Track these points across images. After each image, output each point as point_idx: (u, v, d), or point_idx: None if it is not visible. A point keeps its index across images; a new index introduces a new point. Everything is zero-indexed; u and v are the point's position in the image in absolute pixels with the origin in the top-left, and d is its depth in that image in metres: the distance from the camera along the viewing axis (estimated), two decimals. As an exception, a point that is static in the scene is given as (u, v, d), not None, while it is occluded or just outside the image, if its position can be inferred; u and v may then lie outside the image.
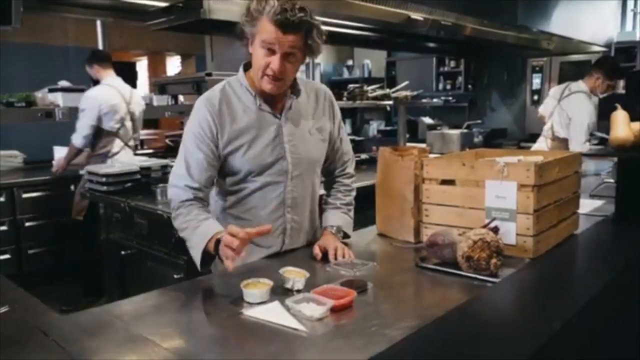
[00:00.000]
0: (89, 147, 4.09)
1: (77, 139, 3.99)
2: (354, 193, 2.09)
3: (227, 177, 1.80)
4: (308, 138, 1.83)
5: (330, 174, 2.06)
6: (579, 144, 4.17)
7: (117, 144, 4.12)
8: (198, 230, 1.67)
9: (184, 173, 1.72)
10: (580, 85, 4.43)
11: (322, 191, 2.08)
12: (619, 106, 2.59)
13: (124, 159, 4.04)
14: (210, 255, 1.66)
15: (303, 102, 1.84)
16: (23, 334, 1.26)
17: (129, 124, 4.19)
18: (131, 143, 4.28)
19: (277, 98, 1.77)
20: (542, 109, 4.71)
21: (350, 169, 2.09)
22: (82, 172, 3.80)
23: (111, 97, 4.04)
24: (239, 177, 1.78)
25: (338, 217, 1.98)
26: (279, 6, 1.55)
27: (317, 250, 1.81)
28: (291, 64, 1.64)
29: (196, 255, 1.67)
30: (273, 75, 1.62)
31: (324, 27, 1.69)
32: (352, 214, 2.05)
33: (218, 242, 1.56)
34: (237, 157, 1.74)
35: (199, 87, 2.92)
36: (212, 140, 1.71)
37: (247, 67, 1.76)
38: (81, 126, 3.97)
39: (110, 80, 4.11)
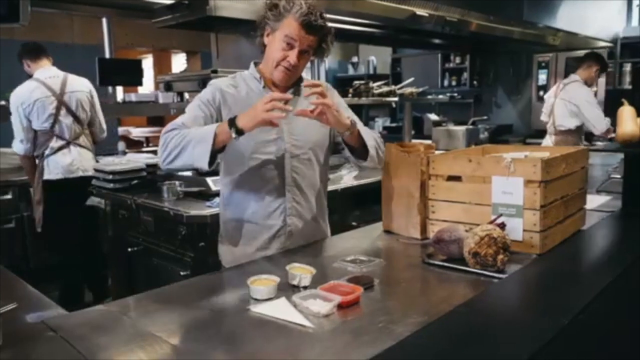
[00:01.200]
0: (31, 151, 3.74)
1: (16, 146, 3.70)
2: (378, 139, 1.96)
3: (230, 156, 1.87)
4: (307, 120, 1.83)
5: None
6: (600, 120, 4.15)
7: (55, 143, 3.71)
8: (199, 130, 1.73)
9: (180, 121, 1.80)
10: (573, 76, 4.44)
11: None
12: (625, 102, 2.59)
13: (64, 160, 3.73)
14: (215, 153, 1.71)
15: (306, 90, 1.85)
16: (31, 331, 1.27)
17: (66, 118, 3.71)
18: (80, 140, 3.82)
19: (282, 87, 1.88)
20: (544, 116, 4.73)
21: (373, 142, 1.91)
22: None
23: (33, 94, 3.62)
24: (240, 154, 1.86)
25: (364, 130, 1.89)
26: (307, 8, 1.75)
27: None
28: (304, 60, 1.83)
29: (204, 151, 1.67)
30: (288, 66, 1.79)
31: (329, 24, 1.84)
32: (378, 147, 1.91)
33: (232, 119, 1.67)
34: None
35: (204, 84, 2.91)
36: (215, 108, 1.84)
37: (256, 65, 1.93)
38: (15, 131, 3.66)
39: (40, 73, 3.72)
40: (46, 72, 3.76)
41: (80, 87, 3.87)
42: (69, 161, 3.74)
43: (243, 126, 1.65)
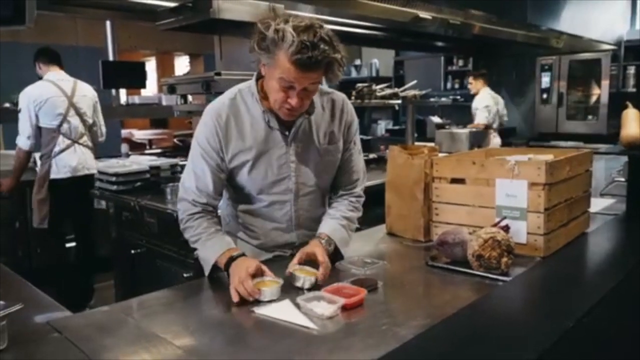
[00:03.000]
0: (33, 148, 3.79)
1: (21, 141, 3.75)
2: (359, 213, 1.85)
3: (235, 191, 1.78)
4: (316, 158, 1.73)
5: (335, 191, 1.86)
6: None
7: (61, 141, 3.79)
8: (208, 243, 1.66)
9: (192, 187, 1.68)
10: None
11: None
12: (629, 104, 2.58)
13: (71, 160, 3.81)
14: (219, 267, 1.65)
15: (317, 115, 1.73)
16: (37, 332, 1.27)
17: (74, 119, 3.84)
18: (83, 140, 3.91)
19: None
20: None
21: (359, 189, 1.86)
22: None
23: (45, 92, 3.75)
24: (246, 193, 1.74)
25: (333, 229, 1.73)
26: (299, 42, 1.41)
27: (295, 259, 1.60)
28: (308, 97, 1.57)
29: (206, 268, 1.66)
30: (291, 108, 1.55)
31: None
32: (350, 231, 1.79)
33: (230, 259, 1.57)
34: (243, 173, 1.69)
35: (208, 86, 2.92)
36: (218, 153, 1.66)
37: (260, 75, 1.67)
38: (21, 127, 3.74)
39: (51, 75, 3.85)
40: (57, 75, 3.89)
41: (88, 92, 4.04)
42: (75, 160, 3.84)
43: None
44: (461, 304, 1.37)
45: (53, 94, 3.77)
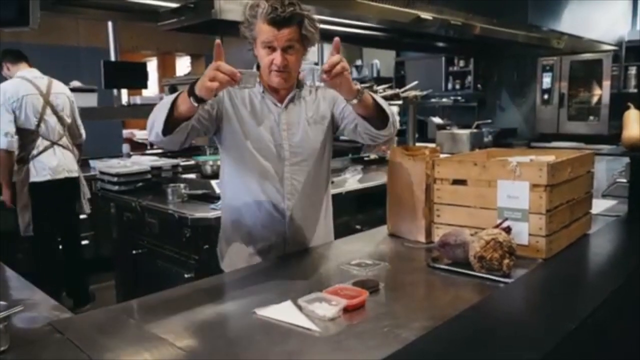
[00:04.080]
0: (15, 146, 3.60)
1: (1, 141, 3.54)
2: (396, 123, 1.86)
3: (231, 161, 1.89)
4: (306, 127, 1.88)
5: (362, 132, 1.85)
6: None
7: (40, 143, 3.67)
8: (166, 98, 1.65)
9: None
10: None
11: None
12: (631, 105, 2.58)
13: (50, 161, 3.68)
14: (177, 119, 1.60)
15: (307, 96, 1.94)
16: (38, 333, 1.27)
17: (51, 118, 3.71)
18: (63, 141, 3.79)
19: (281, 91, 1.87)
20: None
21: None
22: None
23: (21, 89, 3.61)
24: (241, 159, 1.86)
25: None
26: (269, 6, 1.67)
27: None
28: (293, 56, 1.75)
29: (162, 116, 1.58)
30: (278, 69, 1.73)
31: (333, 27, 1.74)
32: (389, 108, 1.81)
33: (192, 84, 1.52)
34: (239, 138, 1.83)
35: (209, 87, 2.94)
36: (216, 100, 1.78)
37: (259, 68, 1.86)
38: (2, 127, 3.54)
39: (25, 73, 3.72)
40: (31, 72, 3.77)
41: (63, 90, 3.91)
42: (55, 162, 3.71)
43: (198, 93, 1.50)
44: (463, 306, 1.37)
45: (28, 92, 3.63)
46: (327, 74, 1.51)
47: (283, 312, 1.35)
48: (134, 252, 3.14)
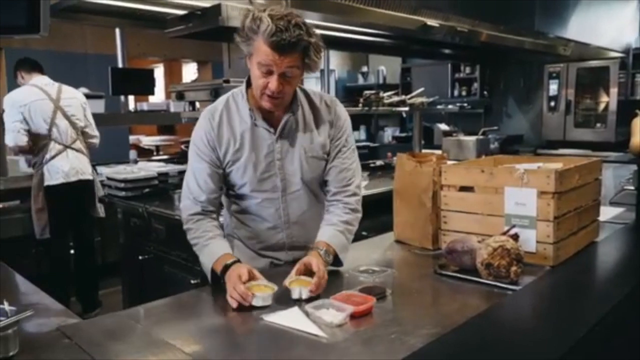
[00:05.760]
0: (25, 147, 3.72)
1: (7, 139, 3.69)
2: (357, 214, 1.82)
3: (230, 191, 1.83)
4: (301, 156, 1.75)
5: (329, 190, 1.83)
6: None
7: (53, 147, 3.74)
8: (205, 250, 1.69)
9: (192, 185, 1.74)
10: None
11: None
12: (639, 112, 2.57)
13: (63, 165, 3.74)
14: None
15: (304, 116, 1.77)
16: (47, 338, 1.28)
17: (62, 122, 3.78)
18: (76, 145, 3.85)
19: (275, 114, 1.72)
20: None
21: (353, 186, 1.82)
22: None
23: (30, 95, 3.71)
24: (239, 191, 1.78)
25: (330, 235, 1.73)
26: (274, 26, 1.48)
27: (293, 271, 1.58)
28: (289, 83, 1.61)
29: (206, 272, 1.69)
30: (272, 94, 1.59)
31: (340, 34, 1.66)
32: (350, 235, 1.79)
33: (224, 267, 1.58)
34: (234, 170, 1.74)
35: (217, 93, 2.94)
36: (213, 150, 1.72)
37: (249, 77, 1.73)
38: (8, 127, 3.67)
39: (35, 80, 3.82)
40: (41, 80, 3.85)
41: (75, 94, 3.98)
42: (67, 165, 3.76)
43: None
44: (470, 313, 1.37)
45: (37, 98, 3.72)
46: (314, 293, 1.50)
47: (290, 318, 1.35)
48: (140, 257, 3.15)
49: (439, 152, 3.94)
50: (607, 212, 2.36)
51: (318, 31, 1.62)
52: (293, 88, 1.66)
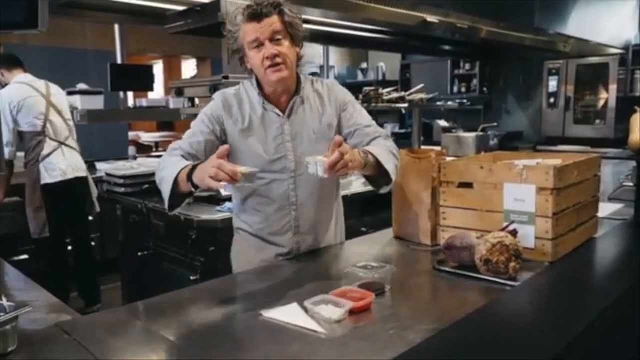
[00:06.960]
0: (14, 155, 3.66)
1: (6, 152, 3.54)
2: (394, 151, 1.83)
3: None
4: (311, 137, 1.83)
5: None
6: None
7: (49, 144, 3.67)
8: (172, 166, 1.66)
9: (185, 138, 1.80)
10: None
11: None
12: (638, 109, 2.57)
13: (60, 162, 3.69)
14: (180, 195, 1.67)
15: (309, 99, 1.87)
16: (46, 334, 1.28)
17: (57, 119, 3.73)
18: (69, 142, 3.79)
19: (282, 99, 1.82)
20: None
21: (383, 139, 1.85)
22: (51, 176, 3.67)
23: (20, 93, 3.63)
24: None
25: (369, 147, 1.77)
26: (247, 6, 1.68)
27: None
28: (282, 46, 1.71)
29: (166, 188, 1.64)
30: (271, 61, 1.69)
31: (339, 31, 1.74)
32: (395, 152, 1.82)
33: (192, 168, 1.57)
34: (244, 150, 1.80)
35: (216, 89, 2.93)
36: (218, 121, 1.80)
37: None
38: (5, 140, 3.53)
39: (22, 77, 3.74)
40: (27, 77, 3.78)
41: (60, 91, 3.93)
42: (64, 163, 3.72)
43: (197, 182, 1.55)
44: (469, 309, 1.37)
45: (28, 95, 3.65)
46: (330, 171, 1.50)
47: (289, 314, 1.35)
48: (139, 254, 3.15)
49: (438, 148, 3.94)
50: (606, 209, 2.36)
51: (318, 27, 1.67)
52: (290, 53, 1.73)
